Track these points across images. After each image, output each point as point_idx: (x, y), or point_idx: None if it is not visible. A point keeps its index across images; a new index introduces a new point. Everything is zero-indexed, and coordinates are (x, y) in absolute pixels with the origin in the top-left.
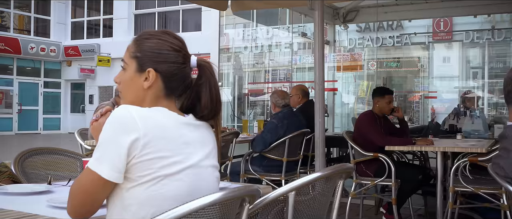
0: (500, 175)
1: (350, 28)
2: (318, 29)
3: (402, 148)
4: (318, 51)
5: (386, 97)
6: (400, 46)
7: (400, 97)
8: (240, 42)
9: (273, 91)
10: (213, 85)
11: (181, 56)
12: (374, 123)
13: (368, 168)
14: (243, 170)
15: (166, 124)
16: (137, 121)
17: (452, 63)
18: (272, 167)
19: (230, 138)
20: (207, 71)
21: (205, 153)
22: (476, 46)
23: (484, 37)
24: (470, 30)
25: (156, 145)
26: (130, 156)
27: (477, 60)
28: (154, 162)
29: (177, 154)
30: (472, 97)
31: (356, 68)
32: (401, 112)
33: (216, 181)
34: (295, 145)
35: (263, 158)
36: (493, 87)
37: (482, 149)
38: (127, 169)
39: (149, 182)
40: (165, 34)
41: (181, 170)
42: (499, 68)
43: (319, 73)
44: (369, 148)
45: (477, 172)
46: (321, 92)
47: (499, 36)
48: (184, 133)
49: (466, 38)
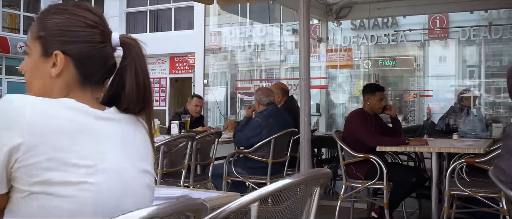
0: (501, 180)
1: (345, 26)
2: (304, 20)
3: (394, 148)
4: (304, 45)
5: (377, 94)
6: (395, 44)
7: (396, 97)
8: (233, 41)
9: (257, 89)
10: (139, 67)
11: (98, 34)
12: (364, 122)
13: (358, 170)
14: (225, 172)
15: (68, 119)
16: (26, 115)
17: (448, 62)
18: (257, 169)
19: (212, 138)
20: (133, 51)
21: (127, 153)
22: (473, 44)
23: (481, 35)
24: (467, 26)
25: (48, 145)
26: (11, 159)
27: (474, 58)
28: (41, 166)
29: (83, 156)
30: (469, 96)
31: (350, 66)
32: (394, 109)
33: (146, 190)
34: (281, 145)
35: (247, 160)
36: (490, 86)
37: (480, 150)
38: (12, 176)
39: (36, 194)
40: (77, 7)
41: (87, 175)
42: (495, 67)
43: (304, 68)
44: (360, 148)
45: (475, 173)
46: (307, 89)
47: (496, 33)
48: (96, 129)
49: (462, 36)
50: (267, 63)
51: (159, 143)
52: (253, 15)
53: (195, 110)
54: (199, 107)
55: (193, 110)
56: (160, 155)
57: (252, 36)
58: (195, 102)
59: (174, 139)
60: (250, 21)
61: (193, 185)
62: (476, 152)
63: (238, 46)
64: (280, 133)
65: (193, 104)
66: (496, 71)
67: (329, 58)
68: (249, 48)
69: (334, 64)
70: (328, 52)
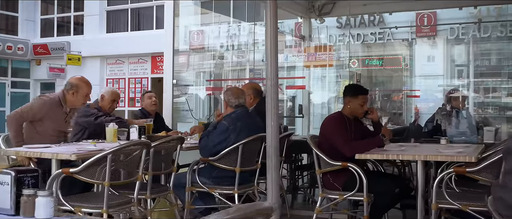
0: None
1: (330, 24)
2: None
3: (375, 156)
4: (271, 39)
5: (359, 98)
6: (382, 43)
7: (383, 97)
8: (217, 40)
9: (227, 88)
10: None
11: None
12: (341, 127)
13: (336, 180)
14: (189, 182)
15: None
16: None
17: (437, 61)
18: (224, 178)
19: (174, 144)
20: None
21: None
22: (461, 43)
23: (470, 33)
24: (456, 23)
25: None
26: None
27: (463, 57)
28: None
29: None
30: (458, 96)
31: (334, 65)
32: (376, 113)
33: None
34: (252, 152)
35: (212, 168)
36: (479, 86)
37: (471, 157)
38: None
39: None
40: None
41: None
42: (485, 66)
43: (271, 65)
44: (338, 155)
45: (464, 182)
46: (274, 89)
47: (485, 32)
48: None
49: (450, 34)
50: (251, 63)
51: (105, 152)
52: (237, 13)
53: (150, 102)
54: (154, 97)
55: (149, 104)
56: (107, 165)
57: (236, 35)
58: (148, 95)
59: (123, 147)
60: (234, 20)
61: (151, 197)
62: (466, 160)
63: (221, 45)
64: (249, 138)
65: (147, 98)
66: (485, 71)
67: (312, 57)
68: (231, 47)
69: (318, 63)
70: (311, 51)
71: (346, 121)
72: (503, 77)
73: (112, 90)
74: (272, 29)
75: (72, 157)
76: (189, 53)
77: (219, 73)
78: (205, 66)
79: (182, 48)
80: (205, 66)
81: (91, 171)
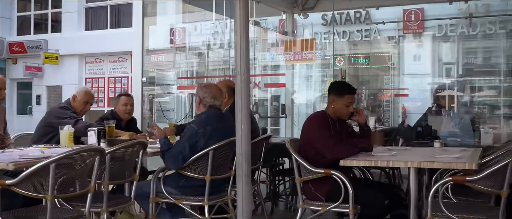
0: None
1: (315, 21)
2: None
3: (361, 162)
4: (240, 28)
5: (345, 97)
6: (369, 41)
7: (370, 96)
8: (199, 37)
9: (204, 85)
10: None
11: None
12: (324, 128)
13: (318, 189)
14: (153, 193)
15: None
16: None
17: (424, 59)
18: (193, 188)
19: (136, 149)
20: None
21: None
22: (449, 40)
23: (458, 31)
24: (446, 18)
25: None
26: None
27: (450, 55)
28: None
29: None
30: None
31: (311, 59)
32: (363, 115)
33: None
34: (224, 158)
35: (180, 176)
36: (467, 85)
37: (471, 164)
38: None
39: None
40: None
41: None
42: (474, 64)
43: (241, 58)
44: (321, 161)
45: (460, 190)
46: (245, 85)
47: (474, 29)
48: None
49: (438, 31)
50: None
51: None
52: (219, 9)
53: (124, 110)
54: (129, 106)
55: (122, 110)
56: (51, 175)
57: (218, 32)
58: (123, 101)
59: (70, 154)
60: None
61: (108, 210)
62: (466, 167)
63: (203, 43)
64: (220, 143)
65: (121, 104)
66: (474, 69)
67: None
68: (214, 46)
69: (300, 58)
70: (294, 46)
71: (330, 121)
72: (493, 76)
73: (85, 91)
74: (241, 16)
75: (10, 166)
76: (174, 52)
77: (202, 71)
78: (187, 65)
79: (163, 46)
80: (187, 65)
81: (35, 182)
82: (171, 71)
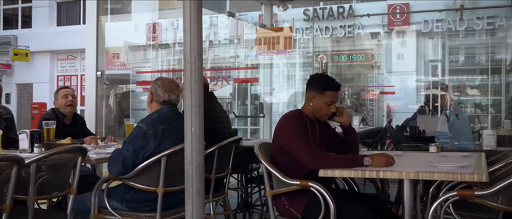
0: None
1: (296, 16)
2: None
3: (346, 172)
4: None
5: (327, 94)
6: (352, 37)
7: (353, 95)
8: (177, 33)
9: (157, 78)
10: None
11: None
12: (301, 129)
13: (293, 205)
14: (95, 208)
15: None
16: None
17: (409, 56)
18: (142, 202)
19: (71, 157)
20: None
21: None
22: (435, 36)
23: (445, 27)
24: (435, 10)
25: None
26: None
27: (437, 52)
28: None
29: None
30: (437, 94)
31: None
32: (346, 115)
33: None
34: (181, 165)
35: (126, 188)
36: (456, 83)
37: (481, 176)
38: None
39: None
40: None
41: None
42: (460, 62)
43: (191, 43)
44: (297, 170)
45: (464, 204)
46: (195, 77)
47: (461, 25)
48: None
49: (424, 27)
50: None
51: None
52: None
53: (65, 102)
54: (70, 96)
55: (63, 104)
56: None
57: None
58: (63, 93)
59: None
60: None
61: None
62: (475, 179)
63: (180, 41)
64: (176, 147)
65: (61, 96)
66: (460, 67)
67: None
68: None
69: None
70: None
71: (308, 121)
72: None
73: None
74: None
75: None
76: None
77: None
78: (165, 61)
79: (139, 42)
80: (165, 61)
81: None
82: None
